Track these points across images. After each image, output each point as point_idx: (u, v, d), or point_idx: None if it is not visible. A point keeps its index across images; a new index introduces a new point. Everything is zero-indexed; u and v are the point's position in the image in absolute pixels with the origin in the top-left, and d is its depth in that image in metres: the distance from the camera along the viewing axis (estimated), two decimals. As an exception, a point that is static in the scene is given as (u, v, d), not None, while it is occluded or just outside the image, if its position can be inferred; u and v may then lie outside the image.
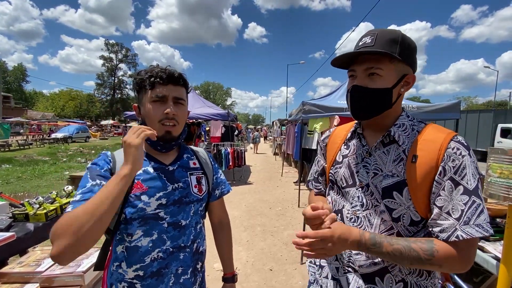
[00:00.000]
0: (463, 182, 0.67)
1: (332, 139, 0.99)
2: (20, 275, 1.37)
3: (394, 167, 0.76)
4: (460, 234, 0.64)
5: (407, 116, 0.82)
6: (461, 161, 0.68)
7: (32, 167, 9.30)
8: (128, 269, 0.85)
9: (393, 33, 0.74)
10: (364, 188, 0.80)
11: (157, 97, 0.86)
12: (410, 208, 0.73)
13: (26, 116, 32.80)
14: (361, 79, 0.77)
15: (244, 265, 3.07)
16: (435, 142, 0.71)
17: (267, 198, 5.97)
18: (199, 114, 7.61)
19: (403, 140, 0.77)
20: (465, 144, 0.70)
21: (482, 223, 0.64)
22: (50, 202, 2.02)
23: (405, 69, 0.76)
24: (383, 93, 0.75)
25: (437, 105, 4.77)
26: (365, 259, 0.79)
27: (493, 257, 1.54)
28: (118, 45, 55.89)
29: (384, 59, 0.74)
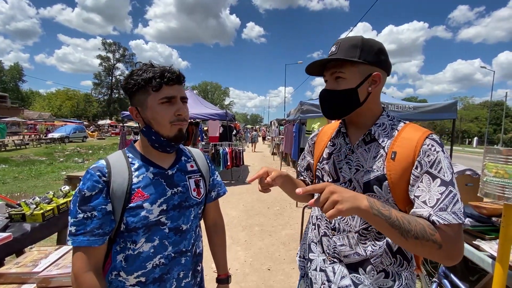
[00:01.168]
0: (439, 175, 0.72)
1: (320, 137, 1.06)
2: (17, 276, 1.36)
3: (374, 163, 0.82)
4: (435, 219, 0.67)
5: (387, 116, 0.88)
6: (436, 156, 0.73)
7: (29, 167, 9.24)
8: (129, 277, 0.84)
9: (353, 40, 0.83)
10: (347, 183, 0.88)
11: (166, 98, 0.83)
12: (389, 201, 0.80)
13: (23, 116, 32.54)
14: (330, 83, 0.87)
15: (242, 264, 3.07)
16: (412, 140, 0.78)
17: (265, 198, 5.97)
18: (197, 114, 7.60)
19: (382, 139, 0.83)
20: (439, 142, 0.77)
21: (457, 211, 0.68)
22: (47, 202, 2.01)
23: (369, 69, 0.82)
24: (347, 93, 0.83)
25: (433, 105, 4.80)
26: (349, 250, 0.86)
27: (489, 255, 1.56)
28: (116, 45, 55.65)
29: (346, 63, 0.82)
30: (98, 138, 27.54)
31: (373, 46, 0.82)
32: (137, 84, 0.82)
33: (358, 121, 0.90)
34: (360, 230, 0.85)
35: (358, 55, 0.80)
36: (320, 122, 5.50)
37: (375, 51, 0.82)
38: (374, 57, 0.82)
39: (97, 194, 0.78)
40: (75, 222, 0.76)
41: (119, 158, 0.87)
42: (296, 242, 3.52)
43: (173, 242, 0.88)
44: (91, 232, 0.76)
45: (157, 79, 0.81)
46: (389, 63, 0.87)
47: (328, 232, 0.92)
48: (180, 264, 0.90)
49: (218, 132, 9.10)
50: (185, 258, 0.91)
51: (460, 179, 2.52)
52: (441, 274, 1.83)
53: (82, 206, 0.77)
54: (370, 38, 0.85)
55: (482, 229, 1.80)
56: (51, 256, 1.54)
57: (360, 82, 0.82)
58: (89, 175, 0.80)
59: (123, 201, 0.80)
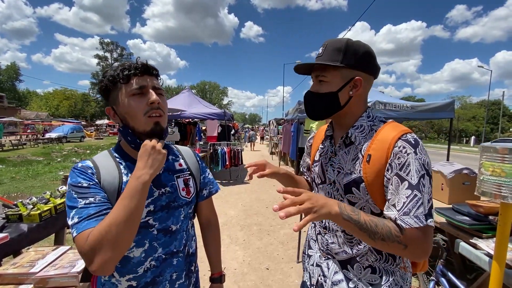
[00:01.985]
0: (407, 178, 0.73)
1: (315, 140, 1.10)
2: (14, 276, 1.35)
3: (352, 165, 0.85)
4: (400, 223, 0.71)
5: (367, 116, 0.88)
6: (405, 159, 0.74)
7: (26, 168, 9.19)
8: (121, 278, 0.82)
9: (338, 43, 0.83)
10: (332, 184, 0.91)
11: (136, 89, 0.80)
12: (368, 201, 0.83)
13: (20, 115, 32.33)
14: (314, 85, 0.90)
15: (240, 264, 3.07)
16: (385, 142, 0.78)
17: (264, 197, 5.98)
18: (195, 113, 7.58)
19: (359, 141, 0.85)
20: (413, 142, 0.76)
21: (419, 215, 0.70)
22: (44, 202, 2.00)
23: (351, 73, 0.83)
24: (328, 97, 0.85)
25: (431, 104, 4.81)
26: (338, 248, 0.90)
27: (486, 254, 1.56)
28: (113, 44, 55.42)
29: (329, 67, 0.84)
30: (96, 138, 27.43)
31: (358, 50, 0.83)
32: (108, 82, 0.81)
33: (341, 123, 0.92)
34: None
35: (341, 59, 0.82)
36: (318, 122, 5.51)
37: (359, 55, 0.83)
38: (358, 61, 0.83)
39: (95, 185, 0.76)
40: (77, 211, 0.70)
41: (106, 158, 0.85)
42: (295, 241, 3.52)
43: (162, 243, 0.86)
44: (97, 214, 0.71)
45: (125, 71, 0.80)
46: (375, 67, 0.87)
47: (321, 231, 0.98)
48: (172, 266, 0.88)
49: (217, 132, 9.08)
50: (177, 259, 0.90)
51: (457, 178, 2.53)
52: (438, 273, 1.84)
53: (81, 195, 0.73)
54: (357, 40, 0.85)
55: (479, 227, 1.81)
56: (48, 256, 1.53)
57: (341, 86, 0.84)
58: (78, 172, 0.77)
59: (114, 200, 0.77)
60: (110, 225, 0.66)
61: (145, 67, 0.83)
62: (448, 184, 2.55)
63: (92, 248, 0.65)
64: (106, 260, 0.65)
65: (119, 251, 0.67)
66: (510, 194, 1.09)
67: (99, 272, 0.66)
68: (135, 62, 0.83)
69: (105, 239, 0.65)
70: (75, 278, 1.34)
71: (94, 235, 0.65)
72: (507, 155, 1.10)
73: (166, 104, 0.87)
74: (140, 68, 0.81)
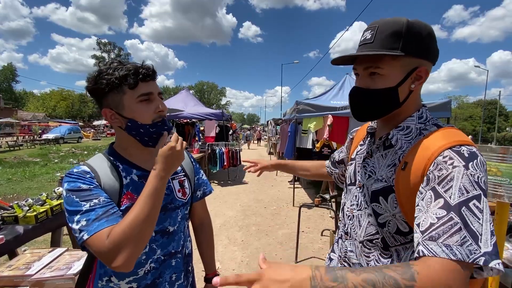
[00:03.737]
0: (445, 195, 0.55)
1: (358, 133, 0.96)
2: (9, 279, 1.34)
3: (386, 172, 0.72)
4: (421, 249, 0.53)
5: (419, 117, 0.72)
6: (449, 171, 0.57)
7: (23, 169, 9.12)
8: (120, 282, 0.82)
9: (396, 24, 0.66)
10: (361, 188, 0.80)
11: (144, 95, 0.79)
12: (395, 216, 0.69)
13: (16, 116, 32.13)
14: (362, 79, 0.73)
15: (239, 264, 3.07)
16: (429, 149, 0.62)
17: (262, 197, 5.97)
18: (193, 114, 7.57)
19: (401, 145, 0.70)
20: (466, 156, 0.57)
21: (453, 245, 0.50)
22: (40, 204, 1.99)
23: (414, 62, 0.67)
24: (386, 94, 0.69)
25: (427, 104, 4.84)
26: (355, 258, 0.80)
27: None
28: (111, 44, 55.17)
29: (386, 57, 0.67)
30: (93, 139, 27.31)
31: (421, 32, 0.66)
32: (110, 83, 0.76)
33: (391, 122, 0.76)
34: (364, 241, 0.77)
35: (401, 46, 0.65)
36: (316, 122, 5.51)
37: (423, 38, 0.66)
38: (421, 47, 0.67)
39: (95, 187, 0.74)
40: (83, 215, 0.68)
41: (102, 160, 0.83)
42: (293, 241, 3.52)
43: (161, 244, 0.86)
44: (105, 214, 0.69)
45: (133, 76, 0.77)
46: (437, 51, 0.71)
47: (343, 235, 0.86)
48: (171, 267, 0.89)
49: (215, 132, 9.08)
50: (175, 260, 0.90)
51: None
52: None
53: (84, 197, 0.70)
54: (416, 20, 0.67)
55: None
56: (44, 258, 1.52)
57: (401, 79, 0.68)
58: (75, 176, 0.74)
59: (116, 202, 0.77)
60: (134, 222, 0.67)
61: (153, 73, 0.82)
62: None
63: (117, 245, 0.65)
64: (130, 256, 0.66)
65: (141, 247, 0.70)
66: (506, 193, 1.09)
67: (123, 268, 0.66)
68: (142, 67, 0.80)
69: (130, 236, 0.66)
70: (71, 280, 1.33)
71: (118, 233, 0.66)
72: (504, 154, 1.11)
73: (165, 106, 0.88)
74: (150, 74, 0.81)
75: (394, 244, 0.71)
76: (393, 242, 0.71)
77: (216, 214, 4.75)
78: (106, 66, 0.80)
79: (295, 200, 5.46)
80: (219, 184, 7.41)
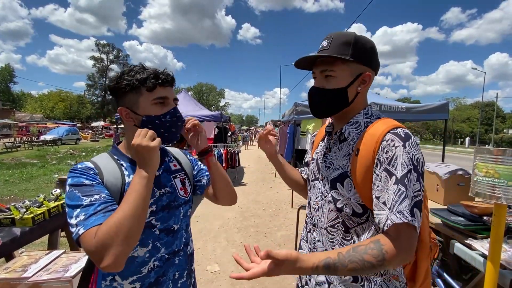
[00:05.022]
0: (395, 172, 0.69)
1: (317, 137, 1.07)
2: (6, 281, 1.33)
3: (342, 161, 0.83)
4: (388, 222, 0.66)
5: (365, 113, 0.85)
6: (393, 152, 0.70)
7: (20, 170, 9.07)
8: (124, 282, 0.82)
9: (346, 36, 0.80)
10: (323, 180, 0.89)
11: (160, 98, 0.84)
12: (351, 200, 0.79)
13: (14, 117, 31.98)
14: (319, 80, 0.85)
15: (237, 266, 3.06)
16: (374, 135, 0.75)
17: (261, 199, 5.96)
18: (192, 115, 7.55)
19: (352, 137, 0.83)
20: (402, 136, 0.72)
21: (403, 210, 0.65)
22: (37, 206, 1.98)
23: (360, 68, 0.81)
24: (337, 93, 0.81)
25: (425, 105, 4.86)
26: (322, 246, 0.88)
27: (481, 254, 1.58)
28: (109, 46, 55.26)
29: (337, 61, 0.79)
30: (91, 140, 27.20)
31: (366, 44, 0.80)
32: (130, 84, 0.81)
33: (343, 120, 0.88)
34: (328, 227, 0.86)
35: (351, 53, 0.78)
36: (314, 123, 5.53)
37: (367, 49, 0.80)
38: (366, 56, 0.80)
39: (98, 184, 0.75)
40: (82, 209, 0.69)
41: (107, 159, 0.86)
42: (292, 243, 3.51)
43: (165, 243, 0.87)
44: (104, 210, 0.70)
45: (152, 80, 0.82)
46: (378, 63, 0.86)
47: (311, 228, 0.94)
48: (174, 265, 0.90)
49: (213, 134, 9.07)
50: (178, 258, 0.91)
51: (452, 179, 2.55)
52: (434, 273, 1.84)
53: (86, 193, 0.71)
54: (363, 35, 0.82)
55: (474, 228, 1.82)
56: (41, 261, 1.51)
57: (350, 81, 0.81)
58: (80, 171, 0.76)
59: (118, 201, 0.77)
60: (120, 219, 0.66)
61: (171, 79, 0.87)
62: (443, 185, 2.57)
63: (103, 244, 0.64)
64: (118, 254, 0.64)
65: (129, 245, 0.67)
66: (503, 195, 1.10)
67: (111, 268, 0.65)
68: (162, 72, 0.85)
69: (116, 234, 0.65)
70: (68, 283, 1.32)
71: (104, 230, 0.65)
72: (501, 156, 1.11)
73: None
74: (168, 80, 0.85)
75: (352, 226, 0.81)
76: (351, 224, 0.81)
77: (214, 216, 4.73)
78: (129, 68, 0.85)
79: (294, 201, 5.45)
80: (218, 185, 7.38)
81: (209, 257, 3.25)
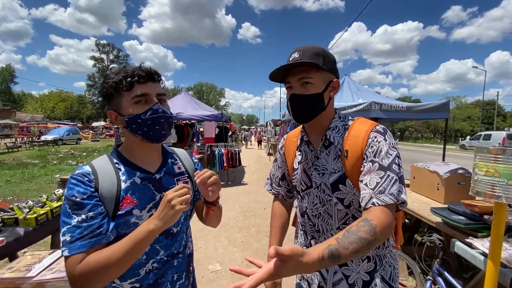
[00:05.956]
0: (378, 160, 0.81)
1: (287, 147, 1.10)
2: (10, 281, 1.34)
3: (335, 164, 0.90)
4: (375, 201, 0.76)
5: (339, 117, 0.96)
6: (377, 146, 0.82)
7: (21, 170, 9.10)
8: (123, 283, 0.83)
9: (315, 48, 0.88)
10: (319, 187, 0.94)
11: (138, 96, 0.81)
12: (355, 194, 0.88)
13: (15, 118, 32.03)
14: (296, 88, 0.89)
15: (239, 265, 3.06)
16: (359, 136, 0.86)
17: (262, 198, 5.97)
18: (192, 115, 7.57)
19: (337, 141, 0.91)
20: (381, 131, 0.85)
21: (394, 192, 0.77)
22: (40, 206, 1.99)
23: (330, 76, 0.90)
24: (316, 98, 0.88)
25: (426, 104, 4.85)
26: None
27: (481, 253, 1.58)
28: (110, 46, 55.23)
29: (312, 69, 0.86)
30: (92, 140, 27.24)
31: (331, 56, 0.90)
32: (110, 87, 0.81)
33: (317, 126, 0.95)
34: (340, 226, 0.93)
35: (322, 62, 0.86)
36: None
37: (332, 60, 0.90)
38: (332, 66, 0.90)
39: (89, 197, 0.75)
40: (69, 228, 0.71)
41: (105, 162, 0.84)
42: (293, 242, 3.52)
43: (164, 245, 0.87)
44: (90, 234, 0.72)
45: (128, 78, 0.80)
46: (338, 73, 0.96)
47: (315, 235, 0.99)
48: (173, 267, 0.90)
49: (214, 133, 9.08)
50: (177, 260, 0.91)
51: (453, 178, 2.56)
52: (435, 272, 1.85)
53: (75, 210, 0.73)
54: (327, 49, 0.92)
55: (474, 227, 1.82)
56: (45, 260, 1.52)
57: (324, 87, 0.89)
58: (75, 181, 0.77)
59: (113, 207, 0.78)
60: (107, 262, 0.69)
61: (149, 74, 0.83)
62: (444, 184, 2.57)
63: (84, 277, 0.68)
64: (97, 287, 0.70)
65: (106, 283, 0.71)
66: (503, 193, 1.10)
67: None
68: (139, 68, 0.82)
69: (100, 273, 0.68)
70: (72, 282, 1.34)
71: (89, 265, 0.68)
72: (501, 155, 1.12)
73: (168, 108, 0.89)
74: (144, 76, 0.81)
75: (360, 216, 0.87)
76: (359, 215, 0.87)
77: (215, 215, 4.74)
78: (111, 71, 0.83)
79: (295, 201, 5.46)
80: (219, 185, 7.40)
81: (211, 256, 3.26)
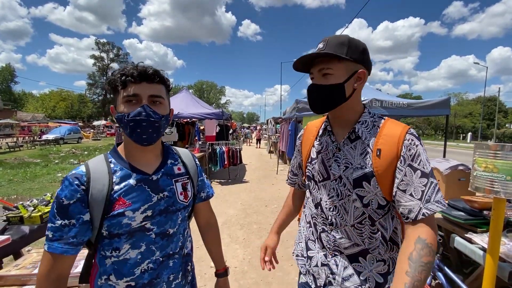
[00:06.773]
0: (419, 167, 0.79)
1: (306, 136, 1.09)
2: (17, 278, 1.36)
3: (362, 160, 0.87)
4: (425, 211, 0.77)
5: (369, 113, 0.93)
6: (416, 150, 0.81)
7: (24, 170, 9.13)
8: (119, 281, 0.83)
9: (341, 38, 0.86)
10: (337, 180, 0.92)
11: (129, 96, 0.79)
12: (377, 195, 0.86)
13: (16, 117, 32.08)
14: (317, 79, 0.90)
15: (241, 262, 3.10)
16: (394, 136, 0.84)
17: (263, 196, 6.00)
18: (193, 113, 7.58)
19: (365, 136, 0.88)
20: (416, 135, 0.84)
21: (440, 199, 0.78)
22: (44, 204, 2.01)
23: (355, 66, 0.87)
24: (335, 88, 0.86)
25: (427, 101, 4.86)
26: (349, 242, 0.91)
27: (480, 248, 1.60)
28: (109, 44, 55.20)
29: (333, 60, 0.85)
30: (93, 139, 27.30)
31: (358, 45, 0.87)
32: (108, 84, 0.83)
33: (342, 118, 0.94)
34: (355, 224, 0.90)
35: (345, 52, 0.84)
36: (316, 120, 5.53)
37: (360, 50, 0.87)
38: (360, 56, 0.87)
39: (75, 203, 0.77)
40: (53, 227, 0.76)
41: (100, 163, 0.84)
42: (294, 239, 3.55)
43: (160, 246, 0.87)
44: (66, 240, 0.76)
45: (122, 77, 0.79)
46: (370, 63, 0.92)
47: (326, 228, 0.96)
48: (168, 267, 0.90)
49: (215, 131, 9.09)
50: (173, 261, 0.91)
51: (453, 174, 2.57)
52: (435, 267, 1.87)
53: (59, 213, 0.76)
54: (356, 38, 0.89)
55: (474, 222, 1.84)
56: (50, 257, 1.54)
57: (346, 78, 0.86)
58: (67, 183, 0.78)
59: (102, 208, 0.78)
60: None
61: (142, 74, 0.80)
62: (444, 180, 2.59)
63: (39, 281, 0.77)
64: None
65: None
66: (502, 189, 1.12)
67: None
68: (134, 67, 0.81)
69: None
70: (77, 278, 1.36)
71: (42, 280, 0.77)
72: (499, 151, 1.13)
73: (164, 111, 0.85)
74: (136, 76, 0.79)
75: (377, 218, 0.89)
76: (376, 217, 0.89)
77: (217, 213, 4.74)
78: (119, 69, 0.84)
79: (296, 198, 5.48)
80: (220, 183, 7.43)
81: (213, 254, 3.29)
